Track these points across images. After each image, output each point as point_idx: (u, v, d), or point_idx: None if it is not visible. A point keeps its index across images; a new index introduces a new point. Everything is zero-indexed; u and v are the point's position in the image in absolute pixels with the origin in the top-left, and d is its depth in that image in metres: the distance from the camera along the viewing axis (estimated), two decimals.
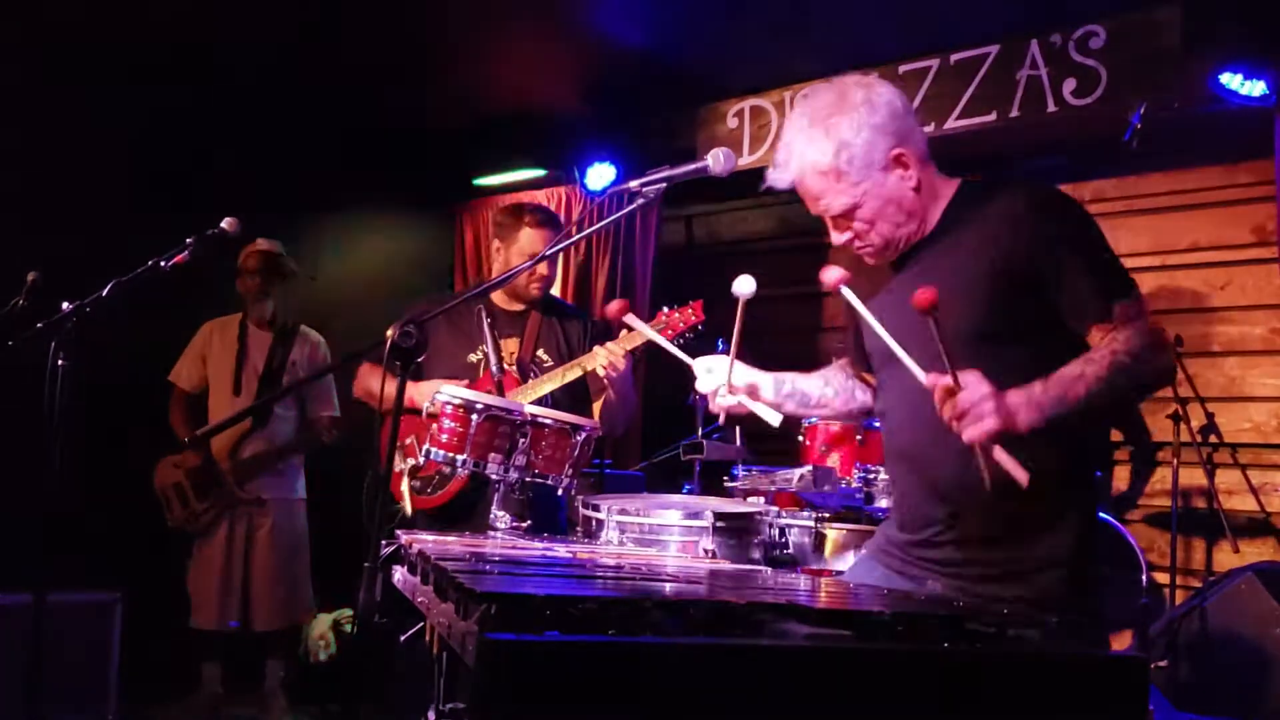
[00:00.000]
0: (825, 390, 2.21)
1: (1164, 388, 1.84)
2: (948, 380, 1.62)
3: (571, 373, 3.08)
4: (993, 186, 1.91)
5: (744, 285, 2.03)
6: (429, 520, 3.07)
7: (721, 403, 2.09)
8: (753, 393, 2.10)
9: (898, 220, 1.88)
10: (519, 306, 3.24)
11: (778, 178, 1.91)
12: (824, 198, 1.87)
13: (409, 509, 3.06)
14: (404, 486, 3.03)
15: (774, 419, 2.14)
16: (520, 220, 3.19)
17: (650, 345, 2.75)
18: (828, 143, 1.82)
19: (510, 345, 3.19)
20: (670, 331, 3.13)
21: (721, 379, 2.07)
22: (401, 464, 3.09)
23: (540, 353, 3.20)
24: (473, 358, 3.17)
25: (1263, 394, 4.19)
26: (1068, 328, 1.81)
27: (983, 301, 1.81)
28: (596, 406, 3.23)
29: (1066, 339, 1.81)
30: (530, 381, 3.13)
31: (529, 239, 3.16)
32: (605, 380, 3.03)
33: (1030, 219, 1.81)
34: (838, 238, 1.93)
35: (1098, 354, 1.72)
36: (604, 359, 3.00)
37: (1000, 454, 1.61)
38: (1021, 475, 1.59)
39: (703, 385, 2.10)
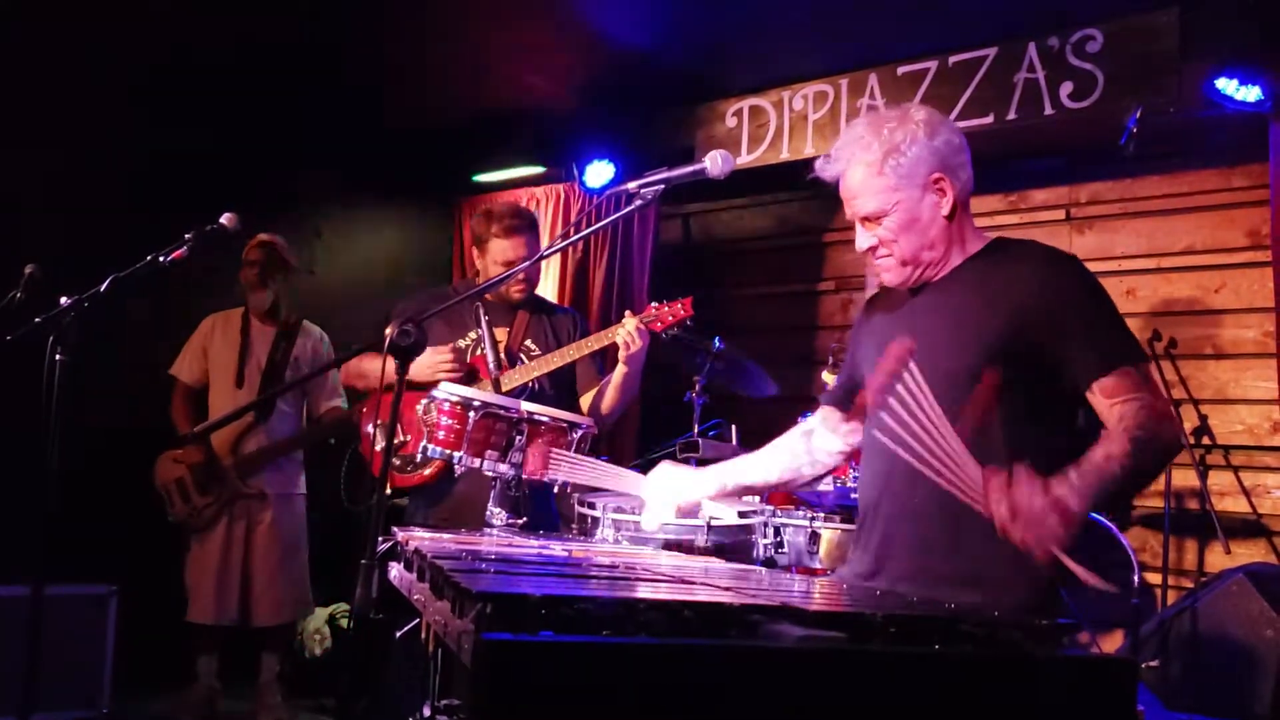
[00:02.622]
0: (769, 473, 2.27)
1: (1172, 459, 1.86)
2: (1001, 477, 1.61)
3: (541, 368, 3.12)
4: (1018, 245, 2.00)
5: None
6: (409, 498, 3.16)
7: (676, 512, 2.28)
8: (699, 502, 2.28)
9: (921, 242, 1.94)
10: (509, 301, 3.30)
11: (824, 168, 2.01)
12: (860, 196, 1.95)
13: (388, 487, 3.11)
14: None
15: (730, 516, 2.39)
16: (489, 230, 3.22)
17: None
18: (879, 146, 1.92)
19: (499, 335, 3.25)
20: (659, 324, 3.19)
21: (667, 498, 2.25)
22: (383, 440, 3.14)
23: (528, 342, 3.25)
24: (461, 343, 3.22)
25: (1255, 396, 4.21)
26: (1066, 387, 1.84)
27: (981, 347, 1.86)
28: (584, 400, 3.26)
29: (1057, 399, 1.86)
30: (519, 366, 3.17)
31: (501, 248, 3.20)
32: (623, 357, 3.07)
33: (1044, 279, 1.87)
34: (862, 242, 2.00)
35: (1114, 435, 1.75)
36: (629, 329, 3.04)
37: (1070, 563, 1.59)
38: (1092, 579, 1.57)
39: (658, 514, 2.30)
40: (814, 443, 2.26)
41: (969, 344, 1.87)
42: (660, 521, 2.32)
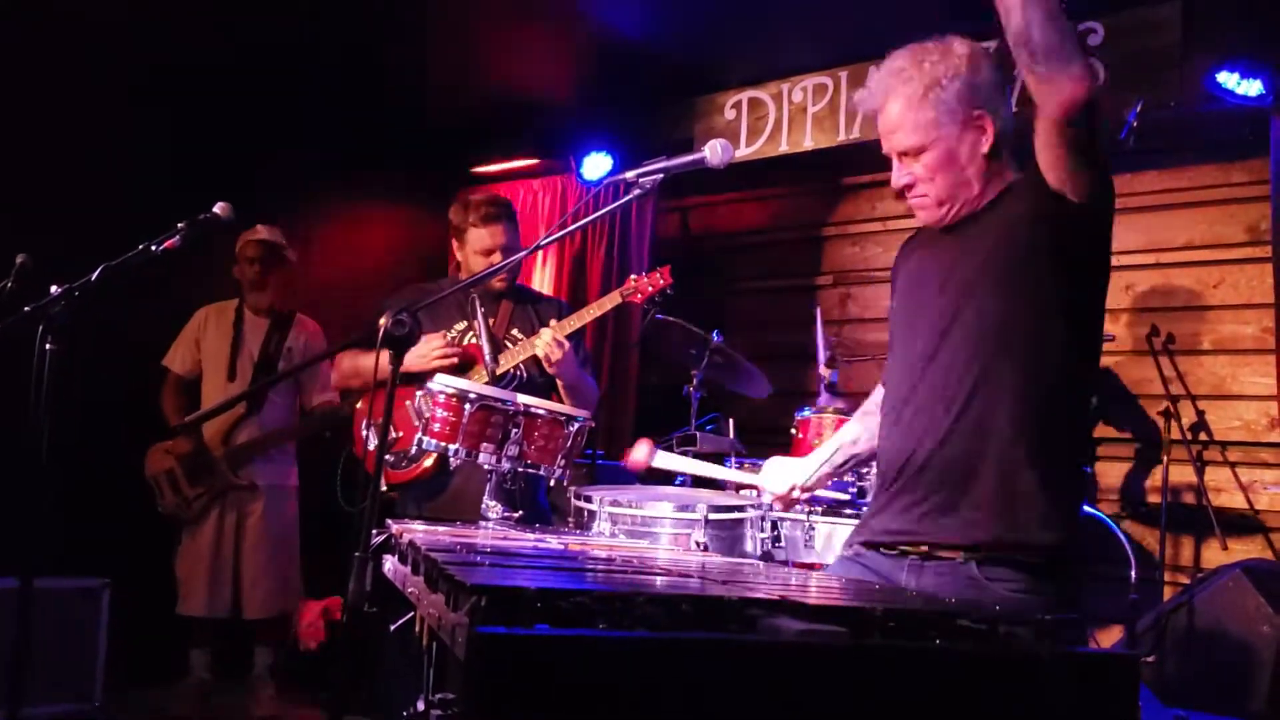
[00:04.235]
0: (873, 441, 2.17)
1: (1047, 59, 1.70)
2: None
3: (525, 352, 3.10)
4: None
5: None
6: (402, 493, 3.14)
7: (796, 497, 2.25)
8: (819, 484, 2.25)
9: (958, 180, 1.90)
10: (486, 288, 3.30)
11: (863, 101, 1.98)
12: (899, 131, 1.90)
13: (383, 483, 3.09)
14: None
15: (842, 497, 2.42)
16: (467, 220, 3.24)
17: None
18: (919, 79, 1.88)
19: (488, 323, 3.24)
20: (639, 295, 3.19)
21: (786, 485, 2.22)
22: (376, 440, 3.13)
23: (515, 331, 3.26)
24: (447, 335, 3.21)
25: (1253, 393, 4.20)
26: (1088, 311, 1.82)
27: (1005, 281, 1.83)
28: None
29: (1087, 324, 1.84)
30: (505, 351, 3.19)
31: (479, 237, 3.21)
32: (550, 369, 3.03)
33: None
34: (898, 179, 1.95)
35: None
36: (545, 341, 3.01)
37: None
38: None
39: (773, 489, 2.25)
40: None
41: (995, 285, 1.84)
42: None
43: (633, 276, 3.28)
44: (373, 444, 3.21)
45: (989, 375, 1.83)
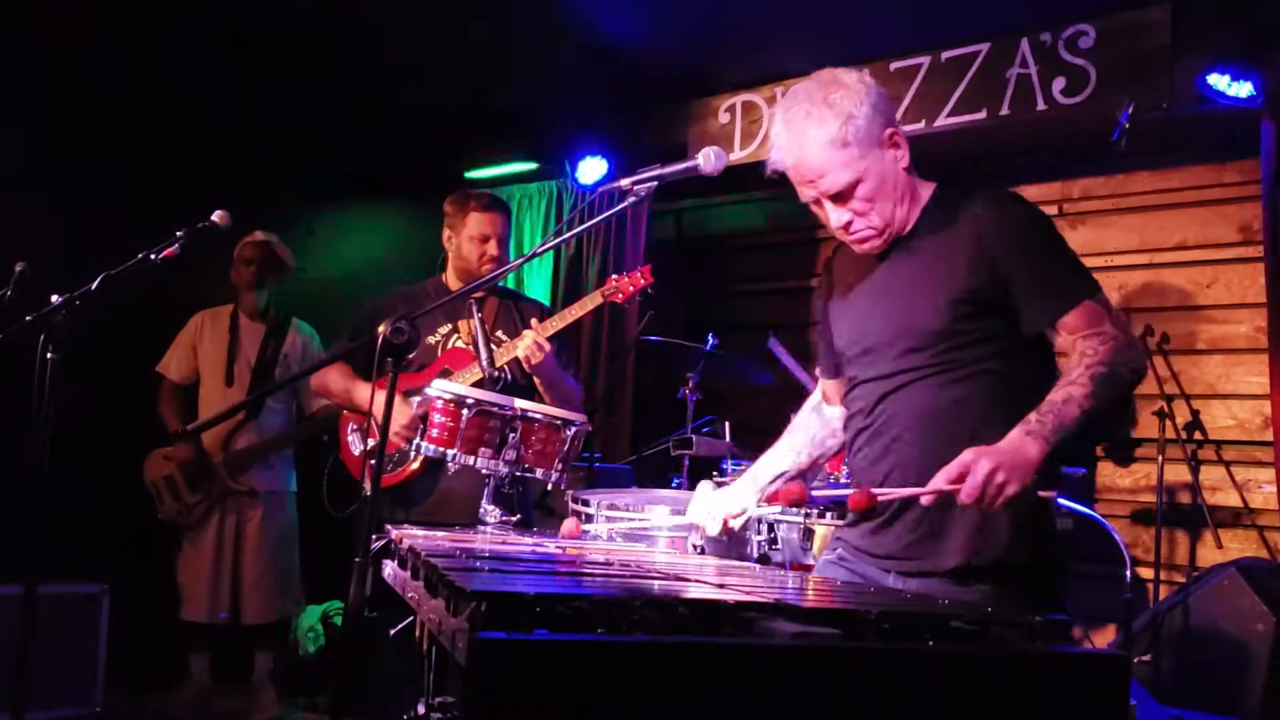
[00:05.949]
0: (799, 458, 2.23)
1: (1140, 382, 1.87)
2: (949, 476, 1.68)
3: (508, 354, 3.12)
4: (964, 191, 1.95)
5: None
6: (390, 496, 3.14)
7: (733, 526, 2.23)
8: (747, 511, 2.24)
9: (894, 200, 1.91)
10: (479, 293, 3.29)
11: (777, 160, 1.92)
12: (828, 174, 1.87)
13: (368, 486, 3.09)
14: (365, 467, 3.07)
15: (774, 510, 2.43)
16: (467, 206, 3.29)
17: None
18: (833, 116, 1.85)
19: (466, 325, 3.25)
20: (620, 295, 3.22)
21: (718, 523, 2.21)
22: (362, 445, 3.15)
23: (499, 332, 3.26)
24: (431, 339, 3.23)
25: (1247, 391, 4.22)
26: (1029, 329, 1.85)
27: (952, 303, 1.85)
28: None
29: (1029, 339, 1.86)
30: (495, 349, 3.18)
31: (477, 222, 3.26)
32: (529, 368, 3.04)
33: (992, 223, 1.86)
34: (836, 218, 1.92)
35: (1075, 373, 1.76)
36: (527, 344, 3.01)
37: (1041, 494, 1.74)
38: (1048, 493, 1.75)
39: (711, 530, 2.23)
40: (827, 414, 2.23)
41: (942, 301, 1.86)
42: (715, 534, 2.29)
43: (614, 276, 3.30)
44: (358, 448, 3.24)
45: (955, 404, 1.86)
